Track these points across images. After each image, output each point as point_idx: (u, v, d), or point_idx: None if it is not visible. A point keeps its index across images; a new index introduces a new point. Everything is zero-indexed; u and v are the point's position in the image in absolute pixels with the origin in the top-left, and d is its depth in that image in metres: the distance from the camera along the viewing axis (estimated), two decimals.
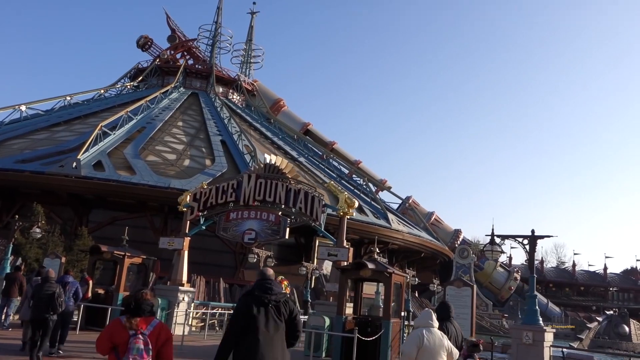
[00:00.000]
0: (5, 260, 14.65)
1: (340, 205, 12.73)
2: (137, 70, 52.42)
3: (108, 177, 29.65)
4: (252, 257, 17.18)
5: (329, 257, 12.42)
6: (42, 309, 8.89)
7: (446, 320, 6.30)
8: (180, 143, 37.90)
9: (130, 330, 4.23)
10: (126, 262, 13.57)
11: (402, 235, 38.37)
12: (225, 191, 13.87)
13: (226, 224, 13.83)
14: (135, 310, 4.29)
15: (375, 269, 10.56)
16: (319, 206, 12.75)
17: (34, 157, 31.49)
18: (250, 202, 13.51)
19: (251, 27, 58.24)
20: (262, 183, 13.41)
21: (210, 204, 14.04)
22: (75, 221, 29.99)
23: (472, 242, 57.00)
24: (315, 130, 57.21)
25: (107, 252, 13.78)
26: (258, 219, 13.36)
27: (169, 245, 14.35)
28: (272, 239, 13.38)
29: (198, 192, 14.46)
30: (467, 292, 10.39)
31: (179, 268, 14.13)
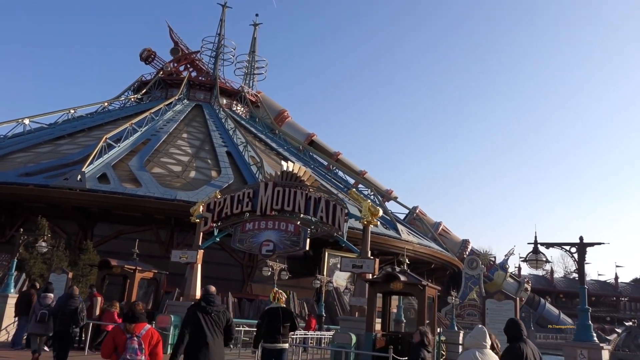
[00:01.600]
0: (9, 276, 13.95)
1: (364, 214, 12.03)
2: (141, 83, 52.10)
3: (113, 189, 29.00)
4: (266, 270, 16.45)
5: (354, 268, 11.68)
6: (66, 323, 9.78)
7: (519, 340, 5.34)
8: (185, 155, 37.34)
9: (127, 333, 5.46)
10: (137, 276, 12.87)
11: (412, 246, 37.55)
12: (240, 200, 13.19)
13: (242, 235, 13.12)
14: (131, 318, 5.54)
15: (407, 282, 9.84)
16: (342, 215, 12.05)
17: (38, 171, 30.90)
18: (267, 212, 12.82)
19: (254, 39, 58.08)
20: (280, 191, 12.73)
21: (225, 214, 13.34)
22: (80, 235, 29.28)
23: (481, 253, 56.00)
24: (320, 140, 56.65)
25: (117, 267, 13.07)
26: (276, 229, 12.66)
27: (182, 259, 13.61)
28: (292, 251, 12.66)
29: (212, 202, 13.77)
30: (509, 306, 9.58)
31: (192, 282, 13.39)
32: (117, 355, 5.45)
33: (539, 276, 70.69)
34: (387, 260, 39.19)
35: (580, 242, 9.19)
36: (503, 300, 9.84)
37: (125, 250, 29.11)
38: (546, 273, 75.49)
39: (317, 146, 54.30)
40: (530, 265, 9.55)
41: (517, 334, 5.19)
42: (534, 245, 9.32)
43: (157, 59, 54.06)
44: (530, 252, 9.39)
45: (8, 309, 13.72)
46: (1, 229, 30.10)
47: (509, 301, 9.75)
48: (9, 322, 13.83)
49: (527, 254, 9.36)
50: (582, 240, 9.17)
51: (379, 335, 10.22)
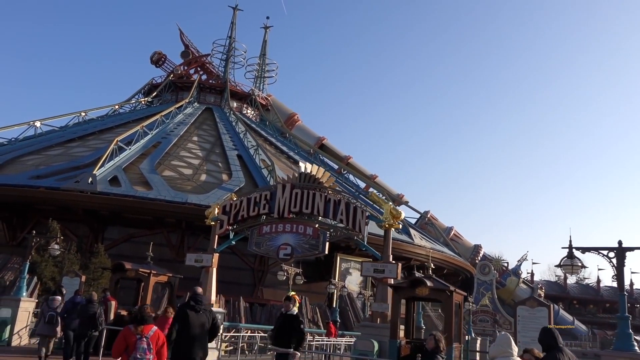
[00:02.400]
0: (22, 279, 13.69)
1: (385, 217, 11.62)
2: (151, 86, 52.11)
3: (124, 192, 28.79)
4: (281, 274, 16.08)
5: (376, 273, 11.27)
6: (86, 327, 10.58)
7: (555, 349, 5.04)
8: (196, 158, 37.14)
9: (137, 334, 6.01)
10: (152, 280, 12.55)
11: (425, 250, 37.02)
12: (257, 202, 12.83)
13: (259, 238, 12.76)
14: (140, 320, 6.16)
15: (434, 287, 9.44)
16: (362, 218, 11.66)
17: (49, 173, 30.79)
18: (285, 215, 12.45)
19: (265, 42, 57.95)
20: (298, 193, 12.36)
21: (242, 216, 12.97)
22: (91, 238, 29.09)
23: (493, 258, 55.30)
24: (330, 144, 56.34)
25: (132, 270, 12.77)
26: (294, 232, 12.28)
27: (197, 262, 13.27)
28: (310, 254, 12.27)
29: (227, 204, 13.43)
30: (542, 313, 9.09)
31: (207, 287, 13.02)
32: (127, 355, 6.00)
33: (551, 282, 69.75)
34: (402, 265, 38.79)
35: (619, 246, 8.71)
36: (536, 307, 9.37)
37: (135, 253, 28.91)
38: (558, 279, 74.50)
39: (327, 150, 54.02)
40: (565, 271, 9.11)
41: (552, 343, 4.90)
42: (568, 250, 8.86)
43: (168, 62, 54.11)
44: (565, 257, 8.94)
45: (21, 313, 13.46)
46: (12, 231, 29.98)
47: (543, 308, 9.28)
48: (21, 326, 13.58)
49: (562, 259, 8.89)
50: (620, 245, 8.68)
51: (404, 343, 9.82)
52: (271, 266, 31.98)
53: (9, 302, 13.77)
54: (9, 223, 29.93)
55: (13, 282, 20.17)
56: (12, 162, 33.41)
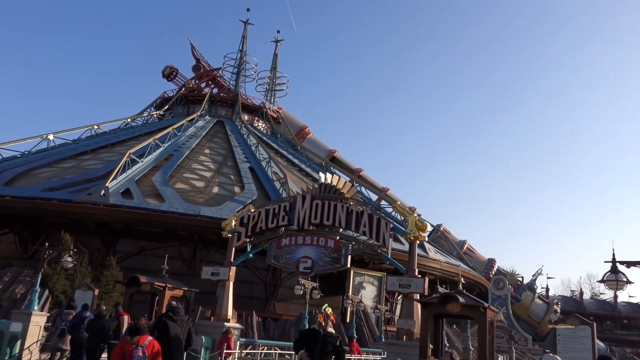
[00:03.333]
0: (34, 292, 13.34)
1: (410, 229, 11.16)
2: (163, 100, 52.28)
3: (137, 204, 28.54)
4: (298, 288, 15.64)
5: (401, 288, 10.79)
6: (96, 341, 10.75)
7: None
8: (208, 170, 36.93)
9: (133, 344, 6.53)
10: (167, 294, 12.14)
11: (440, 264, 36.38)
12: (276, 214, 12.45)
13: (278, 251, 12.35)
14: (135, 331, 6.72)
15: (466, 304, 8.92)
16: (386, 230, 11.22)
17: (62, 186, 30.65)
18: (305, 226, 12.04)
19: (275, 55, 58.12)
20: (319, 205, 11.96)
21: (260, 228, 12.59)
22: (103, 251, 28.81)
23: (507, 272, 54.26)
24: (341, 157, 56.02)
25: (146, 284, 12.38)
26: (314, 245, 11.86)
27: (213, 276, 12.85)
28: (332, 268, 11.83)
29: (245, 215, 13.05)
30: (585, 332, 8.47)
31: (223, 301, 12.61)
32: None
33: (567, 297, 68.35)
34: None
35: None
36: (578, 325, 8.78)
37: (147, 266, 28.56)
38: (573, 294, 72.96)
39: (338, 162, 53.67)
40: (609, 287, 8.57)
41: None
42: (612, 264, 8.34)
43: (179, 75, 54.35)
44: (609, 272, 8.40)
45: (32, 328, 13.07)
46: (24, 244, 29.79)
47: (585, 327, 8.67)
48: (32, 341, 13.18)
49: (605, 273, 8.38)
50: None
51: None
52: (284, 280, 31.47)
53: (20, 316, 13.39)
54: (20, 236, 29.76)
55: (24, 296, 19.85)
56: (25, 174, 33.37)
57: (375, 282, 34.11)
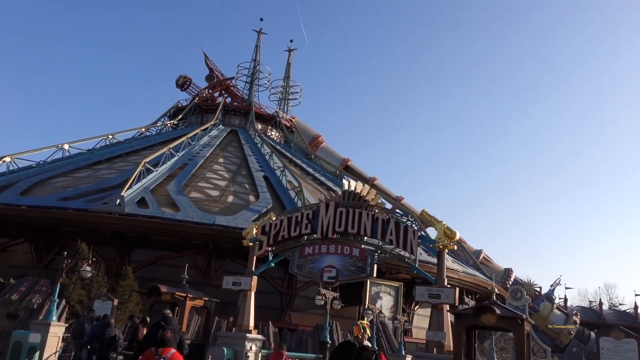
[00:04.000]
0: (52, 302, 13.14)
1: (439, 237, 10.80)
2: (177, 109, 52.51)
3: (152, 214, 28.41)
4: (319, 298, 15.29)
5: (431, 298, 10.40)
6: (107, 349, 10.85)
7: None
8: (222, 179, 36.82)
9: (157, 355, 6.78)
10: (188, 304, 11.85)
11: (457, 274, 35.69)
12: (299, 222, 12.14)
13: (301, 260, 12.03)
14: (160, 342, 6.88)
15: (502, 315, 8.51)
16: (414, 238, 10.86)
17: (77, 195, 30.67)
18: (329, 235, 11.71)
19: (289, 64, 58.23)
20: (343, 212, 11.64)
21: (282, 237, 12.30)
22: (118, 260, 28.69)
23: (524, 282, 53.29)
24: (355, 166, 55.70)
25: (167, 294, 12.12)
26: (339, 253, 11.53)
27: (234, 285, 12.54)
28: (357, 277, 11.47)
29: (267, 223, 12.76)
30: (631, 346, 8.00)
31: (245, 311, 12.29)
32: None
33: (586, 308, 66.97)
34: None
35: None
36: (622, 338, 8.32)
37: (162, 276, 28.36)
38: (591, 304, 71.53)
39: (352, 171, 53.33)
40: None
41: None
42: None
43: (193, 85, 54.60)
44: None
45: (50, 338, 12.84)
46: (39, 254, 29.80)
47: (631, 340, 8.20)
48: (50, 352, 12.96)
49: None
50: None
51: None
52: (299, 290, 31.11)
53: (39, 326, 13.19)
54: (35, 245, 29.79)
55: (41, 306, 19.67)
56: (40, 184, 33.50)
57: (392, 292, 33.58)
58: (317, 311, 32.82)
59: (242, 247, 28.96)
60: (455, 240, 11.14)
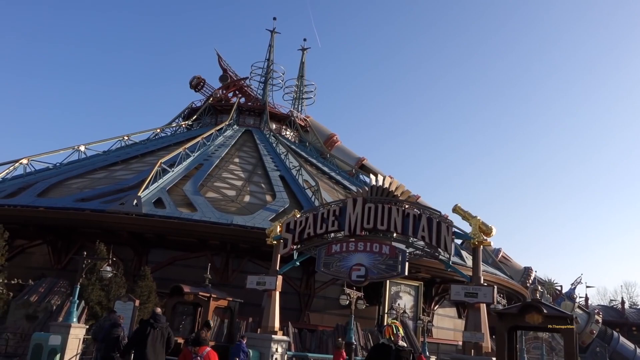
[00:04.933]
0: (72, 303, 12.84)
1: (474, 233, 10.27)
2: (191, 110, 52.46)
3: (169, 214, 28.19)
4: (343, 298, 14.82)
5: (467, 297, 9.89)
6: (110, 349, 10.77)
7: None
8: (238, 179, 36.53)
9: (194, 353, 7.38)
10: (212, 305, 11.47)
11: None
12: (325, 219, 11.68)
13: (328, 258, 11.56)
14: (196, 341, 7.59)
15: (549, 314, 7.98)
16: (448, 234, 10.35)
17: (94, 196, 30.57)
18: (357, 232, 11.23)
19: (302, 64, 57.86)
20: (372, 208, 11.16)
21: (308, 234, 11.84)
22: (135, 261, 28.50)
23: (545, 281, 52.33)
24: (371, 165, 55.11)
25: (190, 294, 11.73)
26: (368, 251, 11.04)
27: (259, 285, 12.12)
28: (388, 276, 11.01)
29: (291, 221, 12.32)
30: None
31: (270, 312, 11.85)
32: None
33: (608, 307, 65.67)
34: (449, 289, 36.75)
35: None
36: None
37: (179, 277, 28.05)
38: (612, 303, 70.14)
39: (367, 170, 52.72)
40: None
41: None
42: None
43: (207, 86, 54.49)
44: None
45: (71, 340, 12.54)
46: (57, 255, 29.73)
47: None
48: (71, 355, 12.66)
49: None
50: None
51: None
52: (317, 290, 30.67)
53: (59, 328, 12.91)
54: (54, 246, 29.72)
55: (60, 307, 19.49)
56: (57, 185, 33.49)
57: (412, 291, 32.94)
58: (336, 311, 32.31)
59: (260, 247, 28.84)
60: (492, 236, 10.56)
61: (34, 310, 19.66)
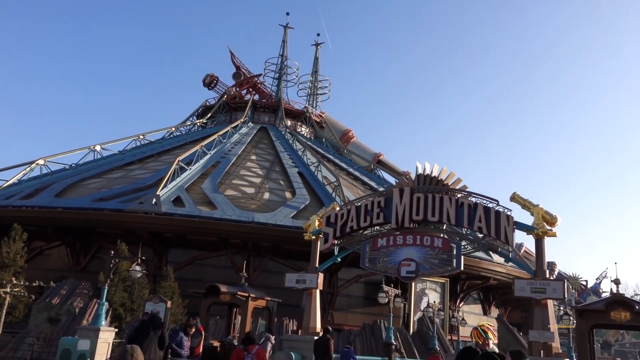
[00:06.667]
0: (100, 306, 12.16)
1: (537, 223, 9.39)
2: (205, 108, 51.88)
3: (189, 212, 27.53)
4: (382, 296, 14.01)
5: (534, 293, 9.01)
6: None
7: None
8: (257, 176, 35.82)
9: (245, 352, 8.24)
10: (250, 305, 10.67)
11: (505, 269, 33.95)
12: (369, 211, 10.85)
13: (373, 253, 10.72)
14: (247, 341, 8.37)
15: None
16: (509, 224, 9.47)
17: (112, 196, 30.01)
18: (405, 224, 10.38)
19: (316, 59, 57.00)
20: (421, 198, 10.30)
21: (351, 228, 11.00)
22: (155, 261, 27.85)
23: (569, 276, 51.05)
24: (387, 160, 54.17)
25: (227, 294, 10.94)
26: (418, 245, 10.19)
27: (299, 284, 11.34)
28: (441, 271, 10.13)
29: (332, 214, 11.48)
30: None
31: (311, 312, 11.07)
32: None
33: None
34: (475, 285, 35.72)
35: None
36: None
37: (200, 276, 27.42)
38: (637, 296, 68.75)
39: (384, 166, 51.89)
40: None
41: None
42: None
43: (220, 83, 53.88)
44: None
45: (100, 345, 11.85)
46: (75, 256, 29.20)
47: None
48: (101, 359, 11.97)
49: None
50: None
51: None
52: (341, 288, 29.89)
53: (87, 332, 12.23)
54: (72, 248, 29.19)
55: (83, 310, 18.84)
56: (74, 186, 32.99)
57: (437, 288, 32.06)
58: (359, 309, 31.48)
59: (281, 245, 28.15)
60: (557, 225, 9.66)
61: (57, 313, 19.04)
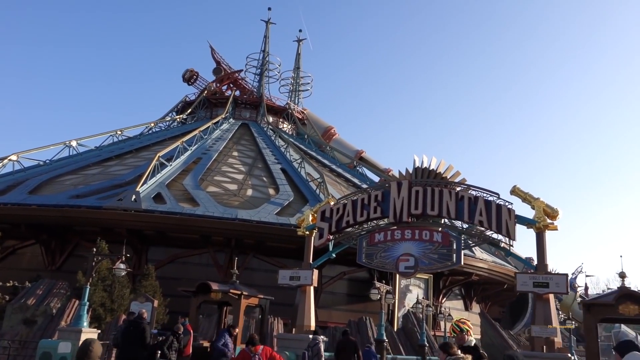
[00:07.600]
0: (82, 306, 11.55)
1: (538, 216, 9.22)
2: (185, 104, 50.94)
3: (171, 209, 26.79)
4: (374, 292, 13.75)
5: (537, 287, 8.83)
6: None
7: None
8: (239, 173, 35.22)
9: (251, 353, 8.35)
10: (243, 303, 10.25)
11: (487, 264, 34.17)
12: (366, 205, 10.55)
13: (370, 248, 10.44)
14: (252, 342, 8.49)
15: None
16: (510, 218, 9.28)
17: (89, 192, 29.05)
18: (403, 218, 10.11)
19: (298, 55, 56.56)
20: (419, 192, 10.04)
21: (347, 222, 10.68)
22: (134, 260, 27.02)
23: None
24: (369, 157, 54.18)
25: (218, 292, 10.50)
26: (417, 239, 9.94)
27: (292, 281, 10.96)
28: (441, 266, 9.88)
29: (326, 208, 11.13)
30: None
31: (305, 309, 10.72)
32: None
33: None
34: (457, 281, 35.87)
35: None
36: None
37: (181, 275, 26.76)
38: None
39: (367, 162, 51.82)
40: None
41: None
42: None
43: (200, 79, 52.98)
44: None
45: None
46: (51, 255, 28.17)
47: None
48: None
49: None
50: None
51: None
52: (325, 285, 29.58)
53: (68, 334, 11.61)
54: (47, 246, 28.14)
55: (61, 310, 18.10)
56: (49, 182, 31.86)
57: (421, 284, 32.05)
58: (344, 307, 31.23)
59: (265, 242, 27.71)
60: (558, 219, 9.49)
61: (32, 315, 18.24)
